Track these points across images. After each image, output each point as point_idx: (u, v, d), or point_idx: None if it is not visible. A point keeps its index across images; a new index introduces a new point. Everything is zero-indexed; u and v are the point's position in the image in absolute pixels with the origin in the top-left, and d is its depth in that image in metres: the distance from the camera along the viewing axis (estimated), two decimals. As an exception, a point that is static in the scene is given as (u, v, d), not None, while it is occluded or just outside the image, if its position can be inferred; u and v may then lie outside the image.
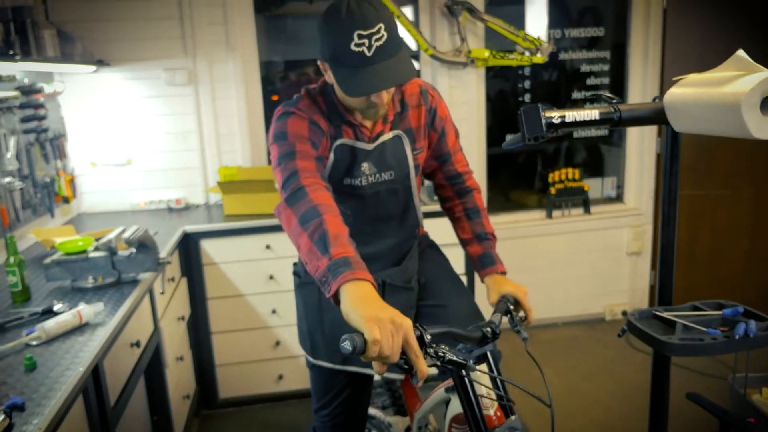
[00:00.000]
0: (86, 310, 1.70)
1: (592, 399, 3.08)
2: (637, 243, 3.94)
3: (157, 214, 3.18)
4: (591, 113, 1.58)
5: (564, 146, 4.12)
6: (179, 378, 2.60)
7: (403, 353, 1.03)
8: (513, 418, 1.32)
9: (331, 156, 1.54)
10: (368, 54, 1.33)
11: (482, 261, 1.68)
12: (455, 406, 1.52)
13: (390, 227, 1.68)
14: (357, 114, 1.54)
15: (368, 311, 1.02)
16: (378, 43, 1.33)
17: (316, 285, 1.65)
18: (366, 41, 1.32)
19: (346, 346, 0.98)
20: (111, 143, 3.21)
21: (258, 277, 2.91)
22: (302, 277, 1.75)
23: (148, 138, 3.25)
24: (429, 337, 1.09)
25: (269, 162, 3.47)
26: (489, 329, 1.31)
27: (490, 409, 1.31)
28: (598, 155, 4.16)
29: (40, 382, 1.38)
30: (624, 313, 4.03)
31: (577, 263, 3.91)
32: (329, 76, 1.47)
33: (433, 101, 1.67)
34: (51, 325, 1.62)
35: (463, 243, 1.75)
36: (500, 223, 3.83)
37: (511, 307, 1.52)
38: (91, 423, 1.53)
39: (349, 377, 1.68)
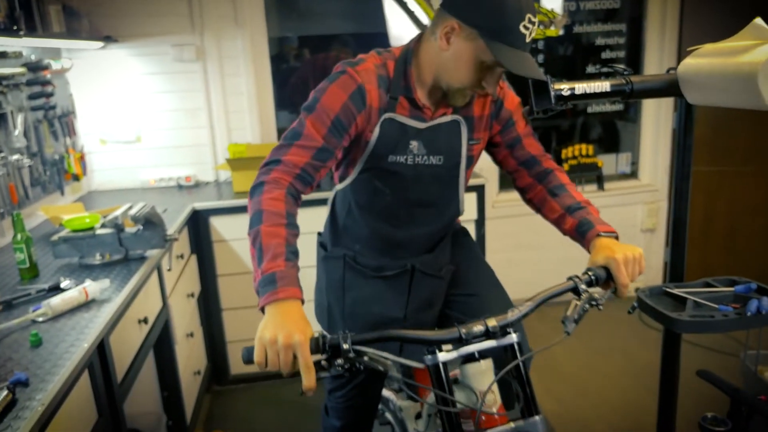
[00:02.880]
0: (92, 286, 1.70)
1: (604, 376, 3.06)
2: (651, 220, 3.89)
3: (167, 191, 3.18)
4: (602, 85, 1.54)
5: (579, 122, 4.04)
6: (190, 354, 2.61)
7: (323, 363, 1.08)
8: (536, 419, 1.20)
9: (377, 130, 1.45)
10: (526, 40, 1.30)
11: (579, 231, 1.44)
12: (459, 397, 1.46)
13: (428, 214, 1.59)
14: (424, 93, 1.46)
15: (263, 332, 1.07)
16: (532, 34, 1.31)
17: (342, 260, 1.63)
18: (531, 27, 1.29)
19: (241, 355, 1.09)
20: (120, 121, 3.21)
21: (267, 255, 2.91)
22: (328, 251, 1.69)
23: (157, 115, 3.24)
24: (346, 345, 1.07)
25: (279, 138, 3.46)
26: (465, 329, 1.17)
27: (493, 407, 1.25)
28: (613, 131, 4.08)
29: (45, 358, 1.38)
30: (637, 290, 3.97)
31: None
32: (455, 42, 1.35)
33: (500, 92, 1.56)
34: (57, 301, 1.62)
35: (557, 224, 1.52)
36: (513, 199, 3.79)
37: (583, 286, 1.27)
38: (98, 399, 1.54)
39: None
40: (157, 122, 3.25)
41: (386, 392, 2.12)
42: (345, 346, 1.07)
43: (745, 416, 1.56)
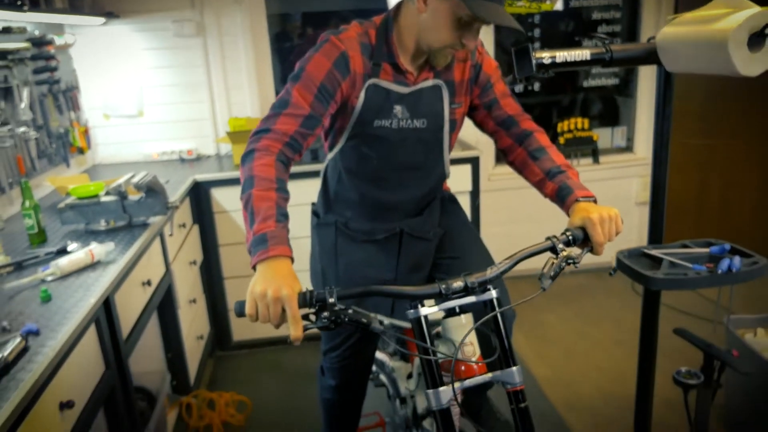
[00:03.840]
0: (98, 249, 1.79)
1: (595, 344, 3.15)
2: (645, 193, 3.94)
3: (170, 164, 3.26)
4: (582, 53, 1.60)
5: (580, 98, 4.09)
6: (193, 319, 2.71)
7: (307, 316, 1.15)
8: (512, 369, 1.27)
9: (362, 96, 1.50)
10: None
11: (559, 195, 1.46)
12: (441, 350, 1.53)
13: (415, 177, 1.65)
14: (407, 58, 1.51)
15: (254, 287, 1.13)
16: None
17: (334, 227, 1.70)
18: None
19: (234, 308, 1.16)
20: (122, 95, 3.28)
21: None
22: (320, 218, 1.76)
23: (159, 90, 3.31)
24: (332, 299, 1.14)
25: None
26: (445, 285, 1.24)
27: (472, 358, 1.33)
28: (612, 106, 4.13)
29: (54, 312, 1.47)
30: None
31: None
32: (431, 2, 1.39)
33: (479, 57, 1.61)
34: (64, 262, 1.71)
35: (539, 188, 1.55)
36: (508, 172, 3.85)
37: (560, 246, 1.31)
38: (104, 352, 1.63)
39: None
40: (158, 97, 3.32)
41: (381, 355, 2.21)
42: (331, 300, 1.14)
43: (717, 370, 1.65)
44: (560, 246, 1.31)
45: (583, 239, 1.34)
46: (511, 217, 3.87)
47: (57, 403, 1.32)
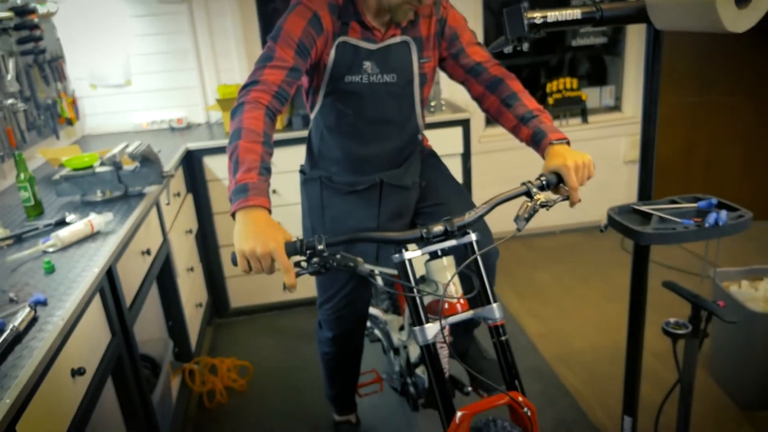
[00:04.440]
0: (97, 219, 1.81)
1: (586, 300, 3.23)
2: (633, 151, 3.99)
3: (160, 133, 3.25)
4: (573, 13, 1.61)
5: (567, 57, 4.09)
6: (191, 288, 2.75)
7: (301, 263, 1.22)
8: (492, 306, 1.36)
9: (333, 53, 1.57)
10: None
11: (534, 141, 1.52)
12: (426, 299, 1.59)
13: (390, 131, 1.72)
14: (376, 14, 1.57)
15: (241, 245, 1.19)
16: None
17: (319, 181, 1.77)
18: None
19: (231, 259, 1.23)
20: (109, 64, 3.24)
21: (261, 192, 3.01)
22: (307, 174, 1.84)
23: (146, 58, 3.27)
24: (321, 246, 1.20)
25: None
26: (426, 230, 1.31)
27: (454, 297, 1.39)
28: (600, 65, 4.13)
29: (59, 283, 1.50)
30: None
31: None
32: None
33: (444, 11, 1.67)
34: (65, 233, 1.73)
35: (514, 133, 1.60)
36: (498, 134, 3.88)
37: (534, 190, 1.37)
38: (110, 320, 1.66)
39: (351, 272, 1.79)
40: (146, 65, 3.28)
41: (375, 311, 2.27)
42: (320, 247, 1.21)
43: (704, 320, 1.71)
44: (534, 190, 1.38)
45: (556, 183, 1.41)
46: (502, 178, 3.87)
47: (69, 370, 1.35)
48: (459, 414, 1.28)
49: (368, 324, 2.45)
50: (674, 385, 1.81)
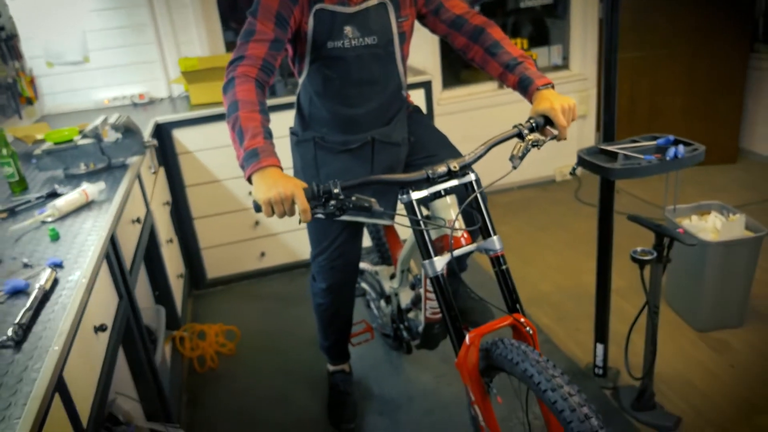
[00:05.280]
0: (91, 188, 1.84)
1: (547, 247, 3.43)
2: (582, 107, 4.20)
3: (123, 110, 3.22)
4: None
5: (510, 21, 4.24)
6: (171, 258, 2.78)
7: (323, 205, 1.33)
8: (493, 238, 1.48)
9: (311, 21, 1.64)
10: None
11: (521, 87, 1.62)
12: (432, 236, 1.70)
13: (374, 90, 1.80)
14: None
15: (265, 194, 1.30)
16: None
17: (312, 142, 1.85)
18: None
19: (254, 206, 1.33)
20: (65, 41, 3.18)
21: (232, 163, 3.03)
22: (299, 135, 1.91)
23: (103, 34, 3.23)
24: (337, 189, 1.31)
25: (228, 51, 3.51)
26: (431, 170, 1.42)
27: (458, 231, 1.52)
28: (543, 28, 4.31)
29: (68, 248, 1.54)
30: (572, 172, 4.35)
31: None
32: None
33: None
34: (61, 203, 1.76)
35: (501, 80, 1.69)
36: (454, 96, 4.01)
37: (526, 131, 1.49)
38: (116, 283, 1.71)
39: (342, 224, 1.90)
40: (103, 41, 3.24)
41: (362, 264, 2.39)
42: (335, 191, 1.32)
43: (666, 246, 1.89)
44: (525, 132, 1.51)
45: (544, 125, 1.53)
46: (463, 137, 4.02)
47: (92, 327, 1.41)
48: (469, 336, 1.41)
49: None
50: (643, 306, 2.01)
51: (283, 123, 2.14)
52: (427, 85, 3.23)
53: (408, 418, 2.24)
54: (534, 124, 1.51)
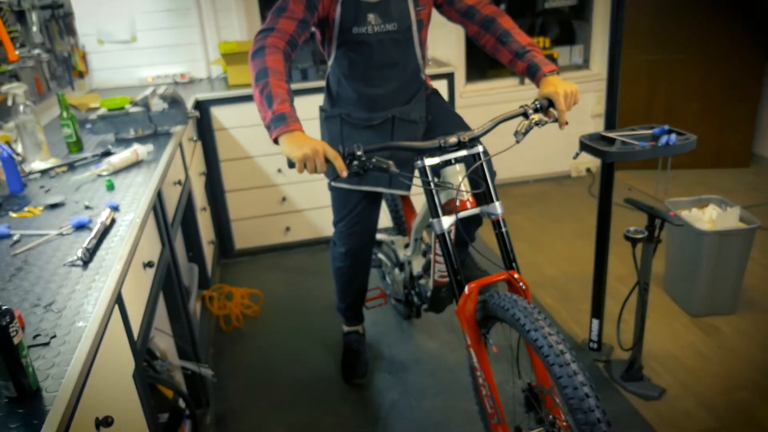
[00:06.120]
0: (141, 149, 2.07)
1: (558, 237, 3.60)
2: (600, 106, 4.34)
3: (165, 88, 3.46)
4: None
5: (539, 22, 4.41)
6: (204, 225, 3.01)
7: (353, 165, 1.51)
8: (495, 203, 1.66)
9: (339, 8, 1.85)
10: None
11: (529, 73, 1.77)
12: (442, 199, 1.86)
13: (395, 72, 2.00)
14: None
15: (294, 152, 1.48)
16: None
17: (339, 118, 2.06)
18: None
19: (288, 163, 1.51)
20: (115, 22, 3.43)
21: (264, 140, 3.22)
22: (328, 112, 2.11)
23: (151, 16, 3.48)
24: (360, 152, 1.50)
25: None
26: (443, 140, 1.61)
27: (465, 194, 1.70)
28: (569, 28, 4.46)
29: (122, 196, 1.76)
30: (588, 169, 4.50)
31: (546, 126, 4.31)
32: None
33: None
34: (116, 159, 1.99)
35: (511, 66, 1.84)
36: (477, 90, 4.19)
37: (530, 111, 1.65)
38: (161, 233, 1.94)
39: (362, 194, 2.10)
40: (150, 22, 3.49)
41: (379, 236, 2.59)
42: (359, 153, 1.51)
43: (657, 227, 2.06)
44: (530, 112, 1.68)
45: (547, 107, 1.70)
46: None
47: (142, 263, 1.63)
48: (468, 287, 1.60)
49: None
50: (635, 285, 2.18)
51: (314, 105, 2.34)
52: (450, 77, 3.41)
53: (414, 378, 2.43)
54: (538, 105, 1.68)
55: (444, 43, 3.95)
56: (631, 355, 2.24)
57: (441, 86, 3.39)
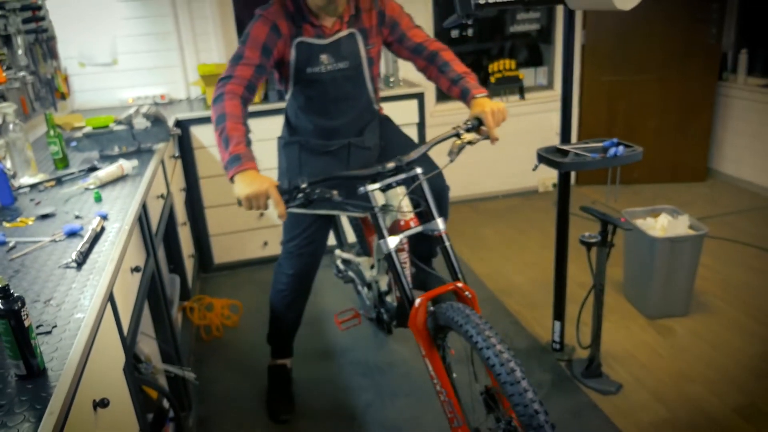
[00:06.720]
0: (126, 164, 2.19)
1: (525, 248, 3.77)
2: (564, 124, 4.55)
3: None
4: (508, -6, 2.09)
5: (508, 45, 4.63)
6: (184, 239, 3.12)
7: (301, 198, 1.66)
8: (437, 221, 1.78)
9: (293, 52, 1.99)
10: None
11: (462, 96, 1.95)
12: (388, 221, 1.95)
13: (348, 105, 2.13)
14: (319, 16, 1.98)
15: (243, 191, 1.64)
16: None
17: (297, 144, 2.19)
18: None
19: (237, 202, 1.67)
20: (97, 45, 3.55)
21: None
22: (286, 139, 2.25)
23: (131, 39, 3.61)
24: (305, 185, 1.64)
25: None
26: (383, 166, 1.75)
27: (408, 215, 1.84)
28: (536, 51, 4.69)
29: (110, 207, 1.88)
30: (554, 184, 4.70)
31: (514, 143, 4.50)
32: None
33: (381, 4, 2.08)
34: (102, 174, 2.10)
35: (449, 92, 2.02)
36: (446, 109, 4.38)
37: (462, 131, 1.78)
38: (146, 242, 2.05)
39: (314, 215, 2.20)
40: (131, 46, 3.62)
41: (348, 255, 2.71)
42: (303, 185, 1.65)
43: (610, 233, 2.23)
44: (462, 132, 1.83)
45: (478, 126, 1.85)
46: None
47: (130, 267, 1.75)
48: (418, 300, 1.69)
49: (342, 267, 2.88)
50: (591, 288, 2.34)
51: (274, 126, 2.47)
52: (420, 97, 3.59)
53: (388, 380, 2.56)
54: (470, 125, 1.83)
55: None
56: (590, 354, 2.39)
57: (411, 106, 3.57)
